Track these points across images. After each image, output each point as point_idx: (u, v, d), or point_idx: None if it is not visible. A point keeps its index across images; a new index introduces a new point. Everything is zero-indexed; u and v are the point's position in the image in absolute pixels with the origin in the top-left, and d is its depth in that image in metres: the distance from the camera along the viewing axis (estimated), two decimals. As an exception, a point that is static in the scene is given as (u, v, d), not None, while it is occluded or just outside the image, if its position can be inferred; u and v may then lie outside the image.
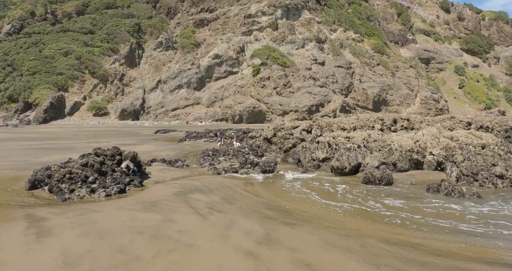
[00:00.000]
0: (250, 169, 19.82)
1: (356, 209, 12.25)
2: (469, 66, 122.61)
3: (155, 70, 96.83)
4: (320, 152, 20.91)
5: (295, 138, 32.88)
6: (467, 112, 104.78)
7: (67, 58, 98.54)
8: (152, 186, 14.82)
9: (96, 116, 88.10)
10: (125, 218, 9.68)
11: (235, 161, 21.94)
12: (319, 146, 21.12)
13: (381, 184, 16.74)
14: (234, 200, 12.43)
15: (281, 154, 26.64)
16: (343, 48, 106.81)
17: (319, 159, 20.91)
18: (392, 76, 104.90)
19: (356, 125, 38.22)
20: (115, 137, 44.57)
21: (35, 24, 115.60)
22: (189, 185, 15.04)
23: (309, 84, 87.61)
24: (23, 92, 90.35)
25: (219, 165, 21.24)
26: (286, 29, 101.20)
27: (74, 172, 13.64)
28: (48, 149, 29.28)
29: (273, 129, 34.44)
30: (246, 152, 25.23)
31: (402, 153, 20.71)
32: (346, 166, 18.84)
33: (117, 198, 12.73)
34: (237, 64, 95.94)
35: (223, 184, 15.68)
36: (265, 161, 20.18)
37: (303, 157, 21.75)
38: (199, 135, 45.37)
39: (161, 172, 18.62)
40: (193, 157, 28.65)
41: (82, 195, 12.88)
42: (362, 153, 20.31)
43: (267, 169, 19.53)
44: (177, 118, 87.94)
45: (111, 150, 15.65)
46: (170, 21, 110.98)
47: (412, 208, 12.51)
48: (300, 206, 12.28)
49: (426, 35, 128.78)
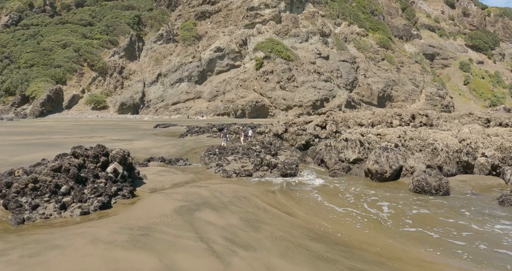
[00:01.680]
0: (266, 172, 16.07)
1: (437, 240, 8.49)
2: (474, 63, 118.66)
3: (155, 63, 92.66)
4: (350, 152, 17.12)
5: (309, 134, 29.16)
6: (472, 109, 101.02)
7: (65, 51, 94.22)
8: (147, 197, 11.06)
9: (95, 110, 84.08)
10: (97, 264, 5.92)
11: (246, 161, 18.17)
12: (348, 144, 17.33)
13: (438, 195, 13.02)
14: (260, 223, 8.67)
15: (296, 152, 22.87)
16: (348, 42, 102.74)
17: (348, 160, 17.14)
18: (397, 71, 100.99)
19: (374, 121, 34.53)
20: (112, 131, 40.72)
21: (33, 15, 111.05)
22: (194, 195, 11.28)
23: (313, 79, 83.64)
24: (20, 85, 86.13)
25: (229, 166, 17.48)
26: (289, 22, 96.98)
27: (41, 180, 9.85)
28: (34, 145, 25.46)
29: (284, 124, 30.66)
30: (258, 150, 21.44)
31: (449, 154, 16.95)
32: (386, 170, 15.07)
33: (97, 218, 8.96)
34: (240, 58, 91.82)
35: (238, 193, 11.92)
36: (284, 163, 16.41)
37: (328, 157, 17.97)
38: (201, 130, 41.56)
39: (159, 175, 14.85)
40: (196, 154, 24.90)
41: (48, 213, 9.11)
42: (402, 154, 16.54)
43: (288, 172, 15.77)
44: (178, 112, 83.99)
45: (94, 149, 11.83)
46: (171, 13, 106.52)
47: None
48: (355, 233, 8.53)
49: (431, 31, 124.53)
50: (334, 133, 30.62)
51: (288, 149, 23.03)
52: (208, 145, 30.90)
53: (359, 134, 19.58)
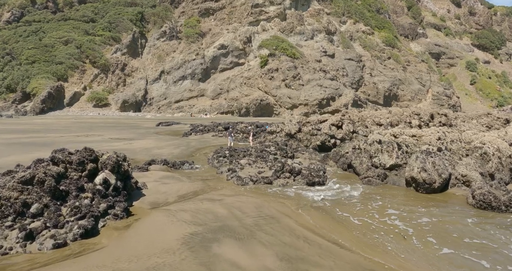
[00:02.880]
0: (289, 180, 13.38)
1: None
2: (480, 62, 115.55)
3: (158, 60, 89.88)
4: (386, 157, 14.40)
5: (324, 134, 26.46)
6: (479, 110, 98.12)
7: (67, 47, 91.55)
8: (146, 217, 8.38)
9: (96, 107, 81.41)
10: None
11: (263, 165, 15.47)
12: (383, 147, 14.60)
13: (508, 211, 10.32)
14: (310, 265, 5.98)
15: (315, 155, 20.13)
16: (353, 40, 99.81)
17: (384, 166, 14.41)
18: (404, 70, 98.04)
19: (392, 120, 31.82)
20: (112, 130, 38.06)
21: (35, 12, 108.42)
22: (208, 214, 8.61)
23: (319, 77, 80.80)
24: (21, 82, 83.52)
25: (243, 171, 14.78)
26: (294, 20, 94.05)
27: (3, 196, 7.19)
28: (23, 145, 22.83)
29: (297, 123, 27.95)
30: (273, 152, 18.76)
31: (502, 160, 14.22)
32: (435, 179, 12.35)
33: (74, 254, 6.28)
34: (244, 55, 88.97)
35: (262, 210, 9.24)
36: (310, 169, 13.71)
37: (357, 162, 15.24)
38: (206, 128, 38.85)
39: (162, 184, 12.19)
40: (202, 155, 22.23)
41: (7, 246, 6.44)
42: (449, 159, 13.82)
43: (316, 180, 13.07)
44: (181, 111, 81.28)
45: (80, 153, 9.14)
46: (174, 10, 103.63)
47: None
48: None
49: (437, 30, 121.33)
50: (351, 133, 27.93)
51: (306, 151, 20.30)
52: (215, 145, 28.23)
53: (391, 135, 16.85)
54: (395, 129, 18.14)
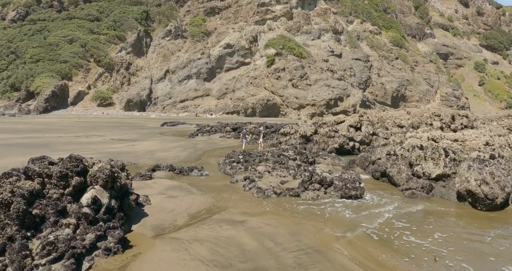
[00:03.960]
0: (319, 192, 11.13)
1: None
2: (489, 63, 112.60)
3: (163, 59, 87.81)
4: (431, 165, 12.11)
5: (342, 136, 24.18)
6: (488, 111, 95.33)
7: (71, 46, 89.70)
8: (147, 253, 6.16)
9: (101, 107, 79.44)
10: None
11: (285, 173, 13.23)
12: (427, 154, 12.30)
13: None
14: None
15: (339, 160, 17.84)
16: (360, 40, 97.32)
17: (429, 176, 12.13)
18: (411, 71, 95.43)
19: (413, 122, 29.50)
20: (115, 130, 35.96)
21: (40, 11, 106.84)
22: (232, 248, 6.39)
23: (326, 77, 78.40)
24: (26, 80, 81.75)
25: (262, 180, 12.54)
26: (301, 19, 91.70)
27: None
28: (16, 146, 20.72)
29: (313, 124, 25.68)
30: (292, 157, 16.51)
31: None
32: (498, 193, 10.06)
33: None
34: (250, 54, 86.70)
35: (301, 240, 7.00)
36: (344, 179, 11.45)
37: (395, 170, 12.95)
38: (213, 129, 36.66)
39: (168, 197, 9.97)
40: (210, 159, 20.02)
41: None
42: (506, 169, 11.52)
43: (352, 193, 10.81)
44: (186, 110, 79.15)
45: (63, 164, 6.93)
46: (180, 9, 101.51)
47: None
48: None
49: (444, 30, 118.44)
50: (371, 135, 25.64)
51: (327, 156, 18.02)
52: (224, 147, 26.03)
53: (430, 140, 14.54)
54: (434, 132, 15.84)
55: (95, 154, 18.44)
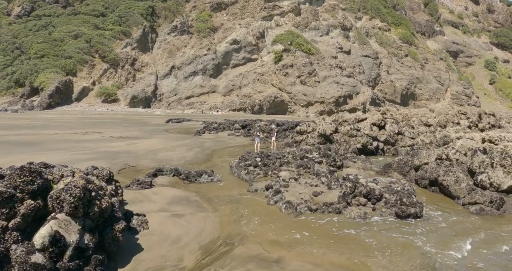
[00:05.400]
0: (366, 208, 8.54)
1: None
2: (499, 61, 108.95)
3: (168, 55, 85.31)
4: (500, 173, 9.47)
5: (364, 135, 21.46)
6: (499, 110, 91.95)
7: (76, 41, 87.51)
8: None
9: (105, 103, 77.27)
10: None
11: (315, 180, 10.62)
12: (494, 160, 9.64)
13: None
14: None
15: (370, 163, 15.19)
16: (369, 37, 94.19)
17: (498, 188, 9.50)
18: (421, 68, 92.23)
19: (440, 120, 26.75)
20: (117, 126, 33.53)
21: (45, 6, 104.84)
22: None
23: (335, 73, 75.51)
24: (30, 76, 79.73)
25: (289, 190, 9.94)
26: (309, 15, 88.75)
27: None
28: (5, 144, 18.29)
29: (333, 121, 23.04)
30: (317, 160, 13.91)
31: None
32: None
33: None
34: (257, 51, 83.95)
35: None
36: (396, 191, 8.83)
37: (451, 179, 10.29)
38: (220, 126, 34.09)
39: (172, 220, 7.37)
40: (220, 160, 17.47)
41: None
42: None
43: (411, 211, 8.20)
44: (191, 107, 76.71)
45: (10, 178, 4.34)
46: (186, 4, 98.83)
47: None
48: None
49: (454, 27, 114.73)
50: (396, 134, 22.95)
51: (357, 159, 15.37)
52: (233, 146, 23.47)
53: (486, 141, 11.87)
54: (491, 132, 13.18)
55: (91, 154, 15.93)
